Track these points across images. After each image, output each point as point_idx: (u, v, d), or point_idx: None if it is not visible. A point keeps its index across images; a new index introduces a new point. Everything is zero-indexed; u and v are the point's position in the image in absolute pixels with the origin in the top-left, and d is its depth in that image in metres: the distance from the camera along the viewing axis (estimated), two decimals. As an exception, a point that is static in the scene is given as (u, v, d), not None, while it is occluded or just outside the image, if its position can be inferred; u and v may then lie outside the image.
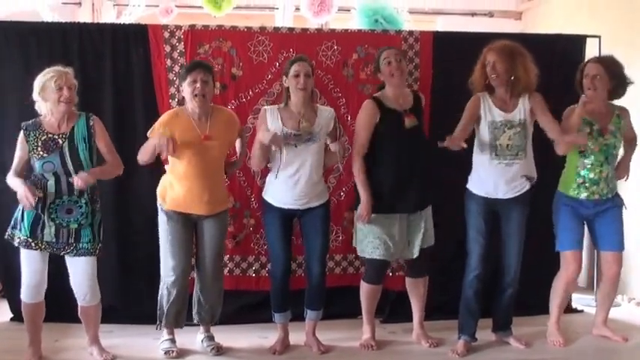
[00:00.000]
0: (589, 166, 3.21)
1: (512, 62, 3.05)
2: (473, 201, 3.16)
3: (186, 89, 3.02)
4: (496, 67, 3.07)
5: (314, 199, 3.12)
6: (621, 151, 3.35)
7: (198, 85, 2.97)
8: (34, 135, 2.87)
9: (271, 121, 3.09)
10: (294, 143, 3.05)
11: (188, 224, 3.09)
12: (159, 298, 3.13)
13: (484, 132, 3.12)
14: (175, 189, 3.05)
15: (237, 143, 3.28)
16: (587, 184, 3.23)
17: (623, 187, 3.51)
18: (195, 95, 2.98)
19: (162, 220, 3.09)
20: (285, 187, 3.09)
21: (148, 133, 3.05)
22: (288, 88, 3.10)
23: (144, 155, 3.04)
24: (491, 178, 3.12)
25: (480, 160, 3.15)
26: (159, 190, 3.12)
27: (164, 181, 3.12)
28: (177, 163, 3.04)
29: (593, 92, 3.18)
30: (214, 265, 3.13)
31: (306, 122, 3.04)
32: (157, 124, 3.06)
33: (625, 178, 3.36)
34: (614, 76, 3.18)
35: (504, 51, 3.06)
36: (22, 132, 2.91)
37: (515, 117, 3.12)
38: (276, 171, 3.10)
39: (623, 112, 3.30)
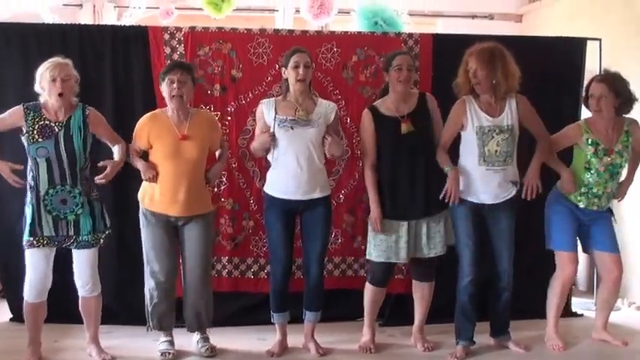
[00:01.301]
0: (594, 182, 3.21)
1: (492, 67, 3.01)
2: (460, 206, 3.12)
3: (164, 89, 3.04)
4: (477, 74, 3.03)
5: (316, 189, 3.09)
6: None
7: (175, 85, 2.99)
8: (32, 117, 2.90)
9: (267, 113, 3.10)
10: (290, 125, 3.05)
11: (168, 228, 3.08)
12: (145, 301, 3.13)
13: (471, 137, 3.09)
14: (153, 189, 3.06)
15: (217, 153, 3.26)
16: (589, 196, 3.23)
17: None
18: (173, 96, 2.99)
19: (142, 223, 3.10)
20: (287, 175, 3.07)
21: (133, 141, 3.10)
22: (287, 79, 3.11)
23: (130, 161, 3.12)
24: (479, 184, 3.09)
25: (467, 166, 3.12)
26: (140, 192, 3.13)
27: (143, 184, 3.12)
28: (155, 163, 3.06)
29: (599, 114, 3.18)
30: (199, 271, 3.10)
31: (302, 111, 3.05)
32: (137, 129, 3.09)
33: (620, 199, 3.36)
34: (619, 94, 3.14)
35: (484, 57, 3.02)
36: (21, 107, 2.93)
37: (503, 122, 3.09)
38: (273, 154, 3.08)
39: (633, 126, 3.24)
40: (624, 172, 3.32)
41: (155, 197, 3.05)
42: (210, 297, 3.20)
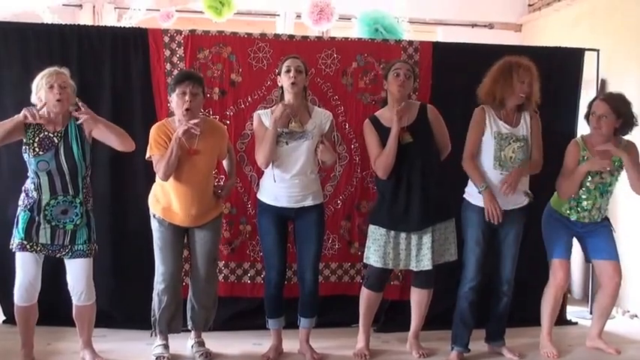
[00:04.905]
0: (583, 197, 3.24)
1: (536, 83, 3.10)
2: (472, 212, 3.15)
3: (175, 101, 2.95)
4: (533, 86, 3.08)
5: (308, 197, 3.10)
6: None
7: (187, 97, 2.90)
8: (33, 129, 2.87)
9: (266, 121, 3.09)
10: (285, 141, 3.04)
11: (179, 231, 3.08)
12: (152, 304, 3.12)
13: (488, 143, 3.12)
14: (164, 200, 3.04)
15: (226, 162, 3.25)
16: (578, 210, 3.27)
17: (620, 197, 3.51)
18: (186, 109, 2.89)
19: (154, 226, 3.09)
20: (278, 186, 3.07)
21: (147, 156, 3.00)
22: (282, 87, 3.11)
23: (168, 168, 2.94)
24: (493, 189, 3.11)
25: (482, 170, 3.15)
26: (150, 198, 3.12)
27: (154, 189, 3.11)
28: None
29: (599, 131, 3.20)
30: (207, 271, 3.12)
31: (295, 122, 3.04)
32: (152, 143, 2.98)
33: None
34: (621, 115, 3.17)
35: (535, 71, 3.09)
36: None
37: (519, 132, 3.14)
38: (272, 169, 3.07)
39: (629, 148, 3.23)
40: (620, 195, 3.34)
41: (168, 209, 3.02)
42: (216, 296, 3.23)
